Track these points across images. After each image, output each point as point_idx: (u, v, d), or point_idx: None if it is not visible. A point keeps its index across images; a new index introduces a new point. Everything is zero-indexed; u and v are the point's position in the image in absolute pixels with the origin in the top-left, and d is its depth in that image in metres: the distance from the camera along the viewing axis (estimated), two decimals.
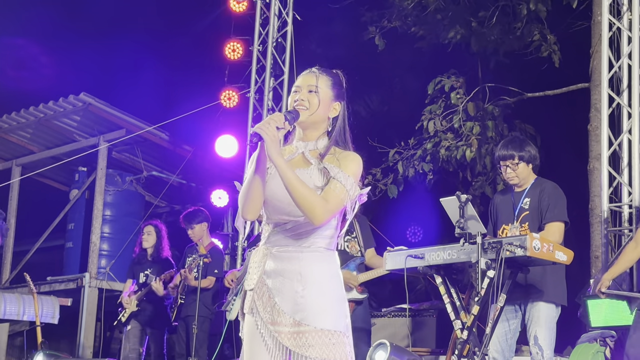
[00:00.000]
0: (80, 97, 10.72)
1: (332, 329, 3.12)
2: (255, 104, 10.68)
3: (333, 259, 3.26)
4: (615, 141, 7.61)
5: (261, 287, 3.23)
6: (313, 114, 3.28)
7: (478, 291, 5.14)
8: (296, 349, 3.11)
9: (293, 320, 3.14)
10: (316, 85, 3.30)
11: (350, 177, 3.20)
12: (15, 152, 12.26)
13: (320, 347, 3.10)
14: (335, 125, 3.34)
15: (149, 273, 8.54)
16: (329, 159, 3.25)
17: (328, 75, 3.36)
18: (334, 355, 3.11)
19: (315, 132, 3.33)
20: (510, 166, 5.59)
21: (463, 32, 10.43)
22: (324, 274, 3.20)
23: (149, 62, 12.64)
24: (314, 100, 3.29)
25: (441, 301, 5.56)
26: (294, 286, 3.17)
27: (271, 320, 3.18)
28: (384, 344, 6.19)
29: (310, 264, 3.19)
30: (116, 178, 11.40)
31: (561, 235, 5.38)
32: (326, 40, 12.01)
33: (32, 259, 11.85)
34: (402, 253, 5.55)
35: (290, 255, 3.21)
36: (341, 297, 3.22)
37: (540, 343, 5.32)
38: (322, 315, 3.13)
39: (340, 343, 3.13)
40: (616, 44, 7.80)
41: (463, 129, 10.29)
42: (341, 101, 3.36)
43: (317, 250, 3.21)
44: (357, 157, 3.28)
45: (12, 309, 9.42)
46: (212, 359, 7.48)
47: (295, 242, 3.21)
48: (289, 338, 3.13)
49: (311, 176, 3.23)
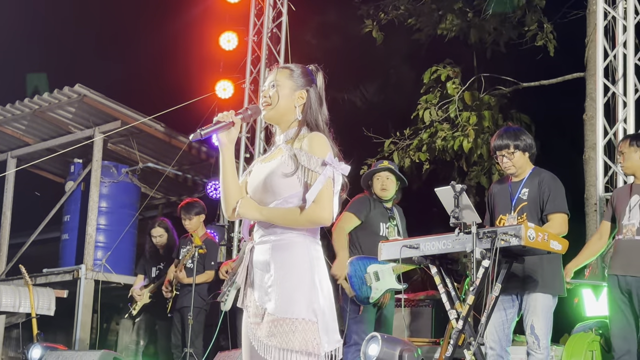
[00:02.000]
0: (75, 88, 10.67)
1: (292, 317, 3.14)
2: (250, 94, 10.67)
3: (304, 246, 3.25)
4: (611, 130, 7.61)
5: (247, 281, 3.32)
6: (274, 107, 3.38)
7: (473, 281, 5.15)
8: (263, 339, 3.17)
9: (263, 311, 3.20)
10: (275, 80, 3.41)
11: (319, 159, 3.23)
12: (10, 144, 12.22)
13: (281, 335, 3.13)
14: (305, 113, 3.40)
15: (162, 267, 8.58)
16: (298, 144, 3.31)
17: (288, 68, 3.46)
18: (294, 343, 3.12)
19: (285, 124, 3.42)
20: (506, 156, 5.58)
21: (460, 24, 10.43)
22: (291, 262, 3.21)
23: (143, 52, 12.62)
24: (275, 95, 3.39)
25: (437, 291, 5.56)
26: (264, 277, 3.24)
27: (251, 313, 3.26)
28: (375, 337, 6.18)
29: (279, 253, 3.23)
30: (112, 170, 11.38)
31: (566, 225, 5.40)
32: (321, 31, 12.00)
33: (28, 251, 11.82)
34: (397, 243, 5.55)
35: (264, 246, 3.27)
36: (308, 284, 3.20)
37: (536, 332, 5.33)
38: (284, 304, 3.16)
39: (302, 330, 3.13)
40: (611, 33, 7.80)
41: (459, 118, 10.28)
42: (307, 88, 3.42)
43: (290, 238, 3.24)
44: (319, 136, 3.31)
45: (8, 301, 9.41)
46: (207, 350, 7.48)
47: (270, 233, 3.27)
48: (260, 329, 3.19)
49: (281, 161, 3.27)
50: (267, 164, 3.34)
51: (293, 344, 3.12)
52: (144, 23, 13.20)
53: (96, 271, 10.74)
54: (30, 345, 8.38)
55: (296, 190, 3.25)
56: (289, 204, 3.24)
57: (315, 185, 3.18)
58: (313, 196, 3.18)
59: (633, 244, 5.77)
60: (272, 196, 3.27)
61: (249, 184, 3.38)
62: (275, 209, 3.24)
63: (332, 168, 3.22)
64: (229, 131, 3.33)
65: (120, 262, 11.07)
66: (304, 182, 3.24)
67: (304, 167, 3.23)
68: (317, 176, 3.21)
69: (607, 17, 7.79)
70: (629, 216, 5.82)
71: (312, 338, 3.14)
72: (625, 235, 5.81)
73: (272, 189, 3.26)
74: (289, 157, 3.28)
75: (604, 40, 7.72)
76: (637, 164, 5.91)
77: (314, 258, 3.26)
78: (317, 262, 3.27)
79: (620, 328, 5.79)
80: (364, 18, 11.33)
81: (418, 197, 10.43)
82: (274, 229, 3.26)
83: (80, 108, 11.02)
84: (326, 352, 3.16)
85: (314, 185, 3.19)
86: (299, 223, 3.22)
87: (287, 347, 3.12)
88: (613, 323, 5.86)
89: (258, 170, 3.37)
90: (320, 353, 3.15)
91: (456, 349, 5.25)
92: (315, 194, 3.18)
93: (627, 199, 5.88)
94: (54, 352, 8.20)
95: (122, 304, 11.80)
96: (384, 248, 5.64)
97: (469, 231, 5.10)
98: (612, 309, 5.87)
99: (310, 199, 3.18)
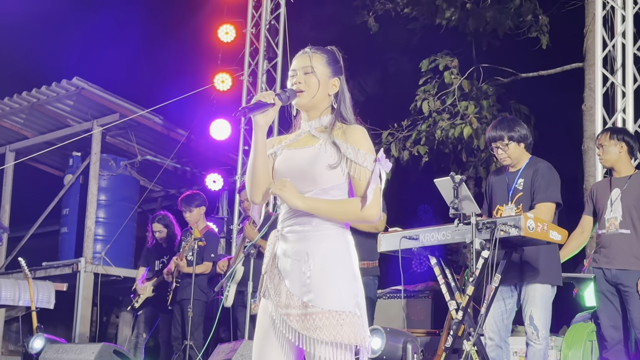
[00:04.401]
0: (73, 81, 10.67)
1: (339, 310, 3.07)
2: (248, 86, 10.65)
3: (343, 238, 3.20)
4: (610, 120, 7.61)
5: (272, 269, 3.21)
6: (314, 96, 3.26)
7: (473, 271, 5.15)
8: (304, 332, 3.07)
9: (301, 302, 3.10)
10: (311, 66, 3.27)
11: (368, 155, 3.17)
12: (9, 137, 12.22)
13: (328, 328, 3.05)
14: (337, 101, 3.31)
15: (165, 260, 8.59)
16: (337, 134, 3.22)
17: (322, 53, 3.32)
18: (342, 336, 3.05)
19: (317, 112, 3.30)
20: (500, 147, 5.57)
21: (459, 13, 10.41)
22: (332, 254, 3.14)
23: (142, 45, 12.59)
24: (312, 81, 3.26)
25: (436, 282, 5.56)
26: (301, 267, 3.13)
27: (282, 303, 3.14)
28: (378, 330, 6.17)
29: (318, 243, 3.15)
30: (110, 163, 11.38)
31: (551, 215, 5.37)
32: (319, 23, 11.98)
33: (27, 244, 11.83)
34: (396, 234, 5.54)
35: (298, 235, 3.18)
36: (351, 276, 3.15)
37: (535, 323, 5.33)
38: (329, 296, 3.08)
39: (349, 323, 3.07)
40: (610, 23, 7.79)
41: (458, 107, 10.27)
42: (339, 76, 3.33)
43: (326, 229, 3.17)
44: (362, 130, 3.23)
45: (7, 294, 9.41)
46: (207, 342, 7.49)
47: (304, 222, 3.17)
48: (297, 320, 3.09)
49: (320, 150, 3.20)
50: (302, 151, 3.24)
51: (342, 337, 3.05)
52: (142, 15, 13.16)
53: (95, 264, 10.75)
54: (30, 338, 8.39)
55: (338, 181, 3.18)
56: (328, 195, 3.17)
57: (372, 184, 3.12)
58: (371, 194, 3.13)
59: (617, 238, 5.79)
60: (311, 185, 3.17)
61: (280, 169, 3.26)
62: (321, 200, 3.15)
63: (379, 165, 3.16)
64: (266, 112, 3.16)
65: (119, 255, 11.08)
66: (346, 173, 3.18)
67: (349, 159, 3.16)
68: (365, 171, 3.15)
69: (605, 7, 7.77)
70: (610, 210, 5.84)
71: (359, 331, 3.09)
72: (608, 229, 5.83)
73: (313, 178, 3.18)
74: (330, 144, 3.20)
75: (602, 30, 7.71)
76: (616, 157, 5.92)
77: (352, 250, 3.21)
78: (355, 253, 3.22)
79: (610, 318, 5.81)
80: (360, 8, 11.32)
81: (416, 190, 10.44)
82: (310, 218, 3.16)
83: (78, 101, 11.02)
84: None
85: (371, 184, 3.13)
86: (347, 217, 3.17)
87: (336, 340, 3.05)
88: (602, 314, 5.86)
89: (290, 156, 3.26)
90: (366, 346, 3.11)
91: (456, 340, 5.25)
92: (372, 192, 3.13)
93: (607, 192, 5.90)
94: (54, 345, 8.21)
95: (122, 297, 11.84)
96: (383, 239, 5.64)
97: (469, 222, 5.10)
98: (600, 300, 5.88)
99: (370, 198, 3.12)
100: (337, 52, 3.38)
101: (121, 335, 11.67)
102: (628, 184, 5.83)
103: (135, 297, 8.71)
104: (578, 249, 6.07)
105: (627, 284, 5.71)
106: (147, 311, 8.79)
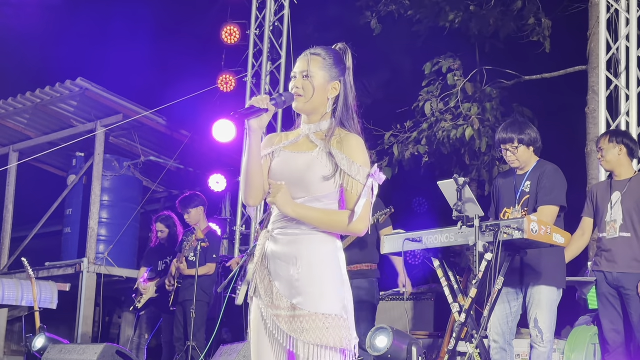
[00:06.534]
0: (77, 82, 10.68)
1: (326, 313, 3.10)
2: (252, 88, 10.66)
3: (332, 242, 3.22)
4: (613, 123, 7.60)
5: (262, 270, 3.23)
6: (309, 101, 3.24)
7: (476, 274, 5.14)
8: (292, 333, 3.11)
9: (290, 304, 3.13)
10: (308, 70, 3.26)
11: (362, 168, 3.18)
12: (13, 137, 12.23)
13: (314, 331, 3.09)
14: (337, 105, 3.29)
15: (168, 261, 8.60)
16: (334, 143, 3.22)
17: (322, 56, 3.29)
18: (328, 340, 3.08)
19: (317, 116, 3.29)
20: (510, 150, 5.56)
21: (462, 15, 10.40)
22: (321, 257, 3.17)
23: (146, 46, 12.60)
24: (309, 87, 3.24)
25: (439, 284, 5.56)
26: (290, 270, 3.16)
27: (271, 303, 3.17)
28: (384, 329, 6.16)
29: (307, 247, 3.17)
30: (114, 163, 11.39)
31: (554, 218, 5.35)
32: (323, 24, 11.97)
33: (30, 244, 11.85)
34: (399, 237, 5.54)
35: (288, 238, 3.20)
36: (338, 280, 3.18)
37: (540, 326, 5.31)
38: (317, 299, 3.11)
39: (336, 326, 3.10)
40: (614, 26, 7.78)
41: (461, 108, 10.26)
42: (341, 79, 3.30)
43: (315, 234, 3.19)
44: (359, 140, 3.23)
45: (10, 294, 9.43)
46: (209, 343, 7.49)
47: (294, 225, 3.19)
48: (286, 322, 3.13)
49: (316, 159, 3.20)
50: (299, 156, 3.25)
51: (328, 340, 3.08)
52: (146, 16, 13.18)
53: (98, 265, 10.76)
54: (32, 337, 8.40)
55: (330, 191, 3.19)
56: (319, 203, 3.18)
57: (362, 199, 3.14)
58: (360, 209, 3.14)
59: (617, 241, 5.79)
60: (304, 192, 3.19)
61: (276, 171, 3.26)
62: (311, 209, 3.16)
63: (372, 179, 3.17)
64: (260, 117, 3.17)
65: (122, 256, 11.09)
66: (339, 184, 3.19)
67: (343, 172, 3.17)
68: (358, 185, 3.16)
69: (610, 10, 7.77)
70: (611, 213, 5.83)
71: (345, 335, 3.12)
72: (608, 232, 5.84)
73: (306, 186, 3.19)
74: (325, 154, 3.21)
75: (606, 33, 7.70)
76: (616, 159, 5.91)
77: (339, 253, 3.24)
78: (343, 257, 3.25)
79: (611, 321, 5.80)
80: (364, 9, 11.31)
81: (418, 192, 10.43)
82: (300, 223, 3.19)
83: (82, 102, 11.03)
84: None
85: (362, 198, 3.14)
86: (334, 229, 3.19)
87: (322, 343, 3.08)
88: (604, 317, 5.84)
89: (287, 160, 3.26)
90: (352, 349, 3.14)
91: (459, 342, 5.25)
92: (362, 207, 3.14)
93: (607, 196, 5.89)
94: (57, 345, 8.22)
95: (125, 297, 11.84)
96: (386, 241, 5.64)
97: (472, 224, 5.10)
98: (601, 303, 5.87)
99: (359, 212, 3.14)
100: (345, 50, 3.36)
101: (124, 335, 11.67)
102: (628, 187, 5.83)
103: (137, 297, 8.72)
104: (579, 252, 6.06)
105: (628, 287, 5.71)
106: (149, 312, 8.80)
